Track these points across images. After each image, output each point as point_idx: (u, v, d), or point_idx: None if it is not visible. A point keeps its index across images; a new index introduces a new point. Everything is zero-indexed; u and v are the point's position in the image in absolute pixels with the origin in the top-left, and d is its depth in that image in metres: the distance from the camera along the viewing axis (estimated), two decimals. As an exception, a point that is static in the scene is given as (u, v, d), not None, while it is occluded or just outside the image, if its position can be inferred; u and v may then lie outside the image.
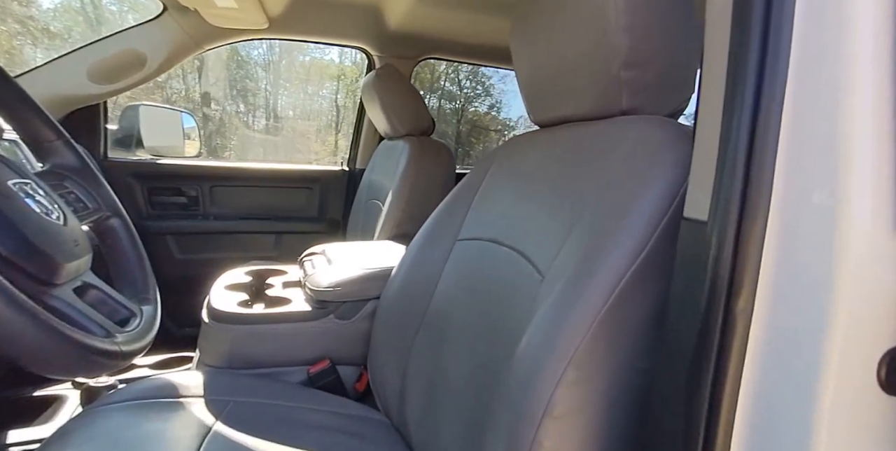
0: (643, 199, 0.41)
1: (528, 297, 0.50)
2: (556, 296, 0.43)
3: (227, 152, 6.19)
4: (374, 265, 0.83)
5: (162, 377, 0.64)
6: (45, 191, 0.40)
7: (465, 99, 8.43)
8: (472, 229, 0.69)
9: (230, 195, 1.39)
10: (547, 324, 0.42)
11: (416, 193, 1.09)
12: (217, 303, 0.75)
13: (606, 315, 0.39)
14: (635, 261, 0.39)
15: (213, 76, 5.30)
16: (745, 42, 0.29)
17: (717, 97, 0.31)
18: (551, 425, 0.38)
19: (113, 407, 0.55)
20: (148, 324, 0.44)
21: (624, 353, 0.40)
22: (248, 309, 0.75)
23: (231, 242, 1.36)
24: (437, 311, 0.68)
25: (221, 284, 0.85)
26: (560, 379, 0.38)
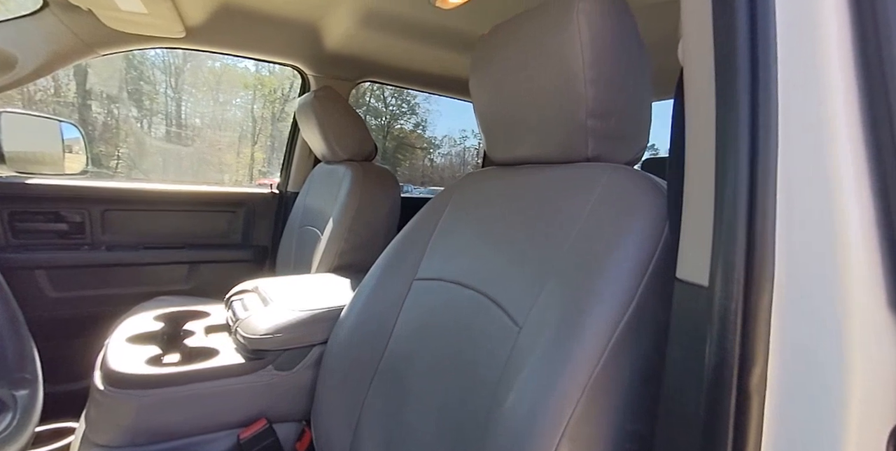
0: (622, 251, 0.42)
1: (505, 346, 0.47)
2: (542, 357, 0.41)
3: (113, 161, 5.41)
4: (319, 306, 0.75)
5: None
6: None
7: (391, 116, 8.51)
8: (432, 268, 0.65)
9: (130, 221, 1.18)
10: (535, 390, 0.39)
11: (360, 221, 1.02)
12: (116, 363, 0.61)
13: (597, 378, 0.38)
14: (622, 318, 0.39)
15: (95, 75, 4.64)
16: (734, 113, 0.30)
17: (705, 159, 0.32)
18: None
19: None
20: (24, 417, 0.33)
21: (615, 416, 0.38)
22: (161, 367, 0.62)
23: (129, 275, 1.14)
24: (395, 357, 0.63)
25: (122, 335, 0.70)
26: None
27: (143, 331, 0.72)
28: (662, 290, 0.40)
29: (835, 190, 0.27)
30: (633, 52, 0.51)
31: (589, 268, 0.43)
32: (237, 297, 0.82)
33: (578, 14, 0.48)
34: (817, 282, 0.27)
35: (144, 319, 0.76)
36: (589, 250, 0.44)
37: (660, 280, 0.40)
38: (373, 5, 0.99)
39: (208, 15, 1.03)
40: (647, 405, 0.39)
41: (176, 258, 1.20)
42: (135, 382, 0.59)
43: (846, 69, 0.27)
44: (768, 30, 0.29)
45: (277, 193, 1.39)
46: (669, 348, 0.35)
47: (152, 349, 0.67)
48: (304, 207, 1.24)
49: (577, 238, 0.46)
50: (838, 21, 0.28)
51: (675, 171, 0.37)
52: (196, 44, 1.12)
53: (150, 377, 0.60)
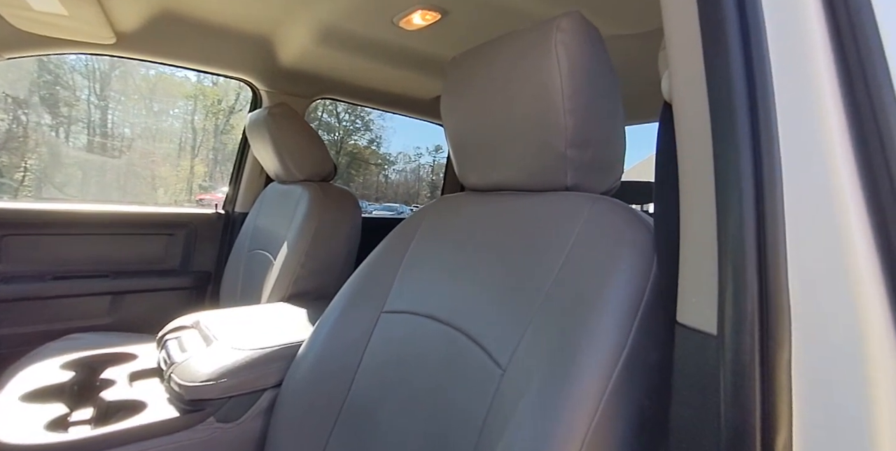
0: (612, 288, 0.40)
1: (487, 389, 0.43)
2: (532, 406, 0.37)
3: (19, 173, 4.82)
4: (272, 343, 0.66)
5: None
6: None
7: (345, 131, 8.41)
8: (402, 299, 0.60)
9: (35, 247, 1.01)
10: (528, 440, 0.36)
11: (319, 244, 0.95)
12: (3, 432, 0.49)
13: (596, 430, 0.35)
14: (617, 364, 0.36)
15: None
16: (733, 149, 0.29)
17: (704, 195, 0.31)
18: None
19: None
20: None
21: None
22: (66, 432, 0.51)
23: (32, 311, 0.97)
24: (360, 400, 0.56)
25: (14, 390, 0.57)
26: None
27: (44, 384, 0.59)
28: (654, 331, 0.38)
29: (842, 225, 0.26)
30: (608, 81, 0.51)
31: (577, 306, 0.40)
32: (173, 335, 0.71)
33: (557, 45, 0.47)
34: (834, 325, 0.25)
35: (48, 366, 0.64)
36: (575, 286, 0.42)
37: (651, 321, 0.38)
38: (331, 22, 0.95)
39: (144, 21, 0.94)
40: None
41: (96, 289, 1.04)
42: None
43: (837, 100, 0.28)
44: (764, 67, 0.29)
45: (223, 213, 1.27)
46: (675, 404, 0.33)
47: (56, 408, 0.55)
48: (255, 229, 1.14)
49: (563, 273, 0.44)
50: (826, 56, 0.28)
51: (665, 205, 0.36)
52: (129, 52, 1.01)
53: (49, 447, 0.49)
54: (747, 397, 0.26)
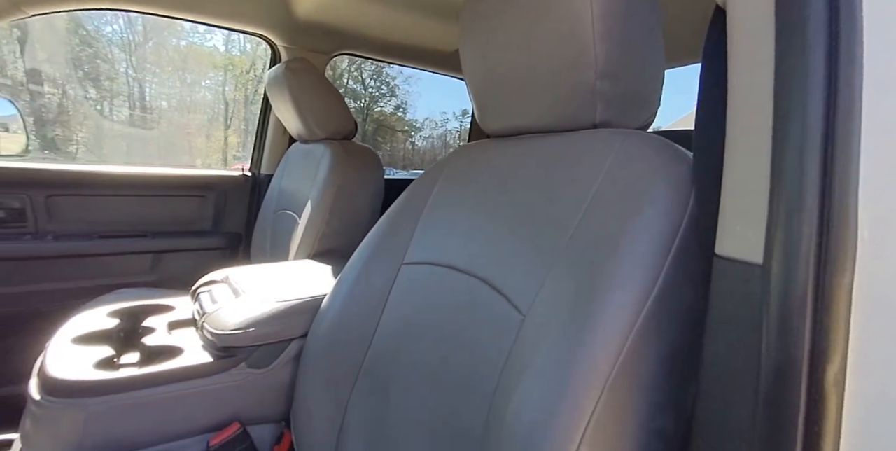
0: (643, 224, 0.36)
1: (507, 337, 0.42)
2: (551, 352, 0.35)
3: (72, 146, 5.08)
4: (297, 296, 0.67)
5: None
6: None
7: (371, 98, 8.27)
8: (422, 251, 0.59)
9: (82, 207, 1.06)
10: (544, 392, 0.34)
11: (341, 203, 0.95)
12: (57, 369, 0.52)
13: (619, 374, 0.32)
14: (646, 303, 0.34)
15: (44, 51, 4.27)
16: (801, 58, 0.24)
17: (755, 115, 0.27)
18: None
19: None
20: None
21: (639, 414, 0.34)
22: (114, 371, 0.55)
23: (83, 267, 1.03)
24: (382, 351, 0.57)
25: (67, 335, 0.61)
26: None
27: (93, 329, 0.63)
28: (689, 268, 0.35)
29: None
30: (646, 5, 0.45)
31: (604, 245, 0.37)
32: (205, 288, 0.74)
33: None
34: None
35: (96, 315, 0.68)
36: (603, 224, 0.39)
37: (687, 257, 0.35)
38: None
39: (160, -27, 0.91)
40: (673, 399, 0.34)
41: (138, 248, 1.10)
42: (80, 389, 0.51)
43: None
44: None
45: (249, 175, 1.29)
46: (708, 340, 0.30)
47: (104, 350, 0.59)
48: (280, 191, 1.15)
49: (589, 211, 0.41)
50: None
51: (707, 130, 0.32)
52: (146, 6, 1.00)
53: (99, 383, 0.52)
54: (795, 329, 0.23)
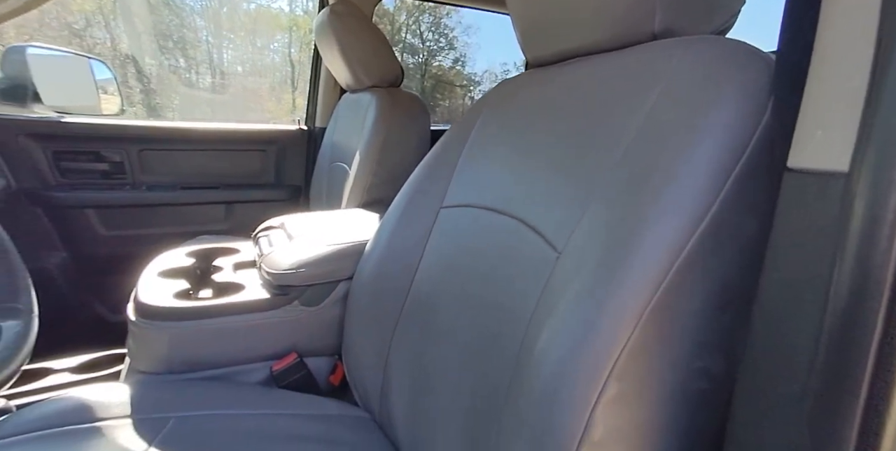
0: (702, 145, 0.31)
1: (540, 277, 0.39)
2: (584, 285, 0.33)
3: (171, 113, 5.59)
4: (345, 240, 0.70)
5: (74, 395, 0.50)
6: None
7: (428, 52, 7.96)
8: (460, 193, 0.57)
9: (166, 161, 1.18)
10: (576, 323, 0.32)
11: (388, 152, 0.94)
12: (147, 296, 0.61)
13: (656, 308, 0.29)
14: (696, 230, 0.29)
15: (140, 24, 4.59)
16: None
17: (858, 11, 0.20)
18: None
19: (3, 444, 0.42)
20: (7, 350, 0.30)
21: (679, 352, 0.30)
22: (190, 301, 0.61)
23: (170, 215, 1.16)
24: (421, 293, 0.57)
25: (154, 270, 0.69)
26: (599, 396, 0.29)
27: (174, 266, 0.71)
28: (752, 193, 0.29)
29: None
30: None
31: (653, 169, 0.32)
32: (263, 233, 0.79)
33: None
34: None
35: (177, 255, 0.76)
36: (655, 145, 0.33)
37: (751, 179, 0.30)
38: None
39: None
40: (722, 338, 0.31)
41: (212, 198, 1.20)
42: (164, 314, 0.59)
43: None
44: None
45: (306, 129, 1.32)
46: (767, 271, 0.25)
47: (182, 284, 0.67)
48: (332, 143, 1.17)
49: (640, 133, 0.35)
50: None
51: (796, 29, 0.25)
52: None
53: (178, 310, 0.59)
54: (880, 250, 0.18)
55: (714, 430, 0.31)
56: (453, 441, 0.44)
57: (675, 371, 0.30)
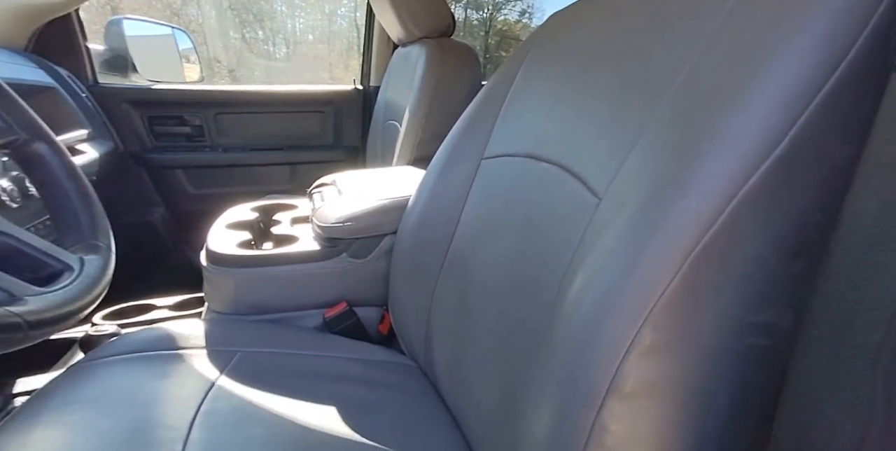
0: (784, 51, 0.24)
1: (579, 226, 0.36)
2: (625, 226, 0.29)
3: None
4: (390, 195, 0.70)
5: (163, 327, 0.58)
6: None
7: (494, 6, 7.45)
8: (501, 143, 0.53)
9: (238, 124, 1.26)
10: (612, 267, 0.29)
11: (437, 107, 0.91)
12: (215, 245, 0.67)
13: (706, 251, 0.25)
14: (762, 165, 0.24)
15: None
16: None
17: None
18: (619, 405, 0.27)
19: (108, 361, 0.50)
20: (87, 279, 0.34)
21: (731, 302, 0.26)
22: (250, 250, 0.67)
23: (244, 175, 1.26)
24: (461, 246, 0.56)
25: (222, 222, 0.76)
26: (631, 345, 0.26)
27: (239, 220, 0.78)
28: (847, 110, 0.23)
29: None
30: None
31: (716, 93, 0.27)
32: (317, 190, 0.82)
33: None
34: None
35: (243, 210, 0.83)
36: (726, 59, 0.28)
37: (849, 92, 0.23)
38: None
39: None
40: (790, 289, 0.26)
41: (278, 160, 1.28)
42: (229, 261, 0.65)
43: None
44: None
45: (361, 88, 1.33)
46: (862, 186, 0.20)
47: (245, 235, 0.72)
48: (386, 102, 1.16)
49: (707, 51, 0.29)
50: None
51: None
52: None
53: (240, 258, 0.65)
54: None
55: (772, 389, 0.27)
56: (490, 389, 0.45)
57: (726, 324, 0.26)
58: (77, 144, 0.91)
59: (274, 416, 0.45)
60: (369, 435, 0.45)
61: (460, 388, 0.51)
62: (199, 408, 0.44)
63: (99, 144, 0.99)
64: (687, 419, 0.27)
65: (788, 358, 0.25)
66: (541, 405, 0.32)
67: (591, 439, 0.27)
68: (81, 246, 0.39)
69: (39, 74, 0.93)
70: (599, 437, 0.27)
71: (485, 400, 0.45)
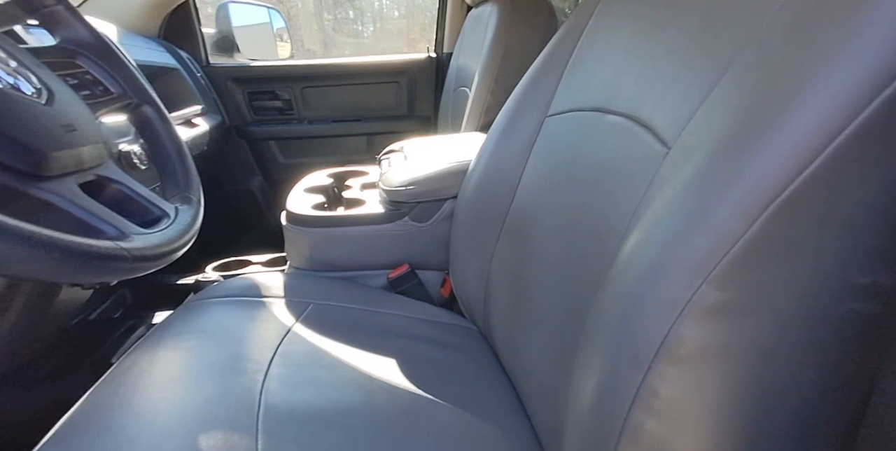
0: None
1: (644, 179, 0.33)
2: (695, 173, 0.26)
3: None
4: (452, 160, 0.70)
5: (252, 277, 0.66)
6: (22, 62, 0.34)
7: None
8: (567, 98, 0.50)
9: (321, 97, 1.34)
10: (676, 217, 0.25)
11: (506, 70, 0.87)
12: (293, 206, 0.73)
13: (794, 196, 0.21)
14: (869, 105, 0.19)
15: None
16: None
17: None
18: (671, 368, 0.24)
19: (210, 302, 0.58)
20: (181, 225, 0.40)
21: (823, 258, 0.22)
22: (322, 212, 0.72)
23: (326, 146, 1.35)
24: (521, 209, 0.55)
25: (301, 187, 0.83)
26: (689, 304, 0.23)
27: (315, 184, 0.84)
28: None
29: None
30: None
31: (817, 28, 0.22)
32: (385, 156, 0.85)
33: None
34: None
35: (319, 176, 0.89)
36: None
37: None
38: None
39: None
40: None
41: (356, 131, 1.34)
42: (304, 221, 0.71)
43: None
44: None
45: (434, 56, 1.31)
46: None
47: (320, 198, 0.78)
48: (457, 68, 1.14)
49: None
50: None
51: None
52: None
53: (313, 218, 0.70)
54: None
55: (867, 371, 0.22)
56: (544, 354, 0.44)
57: (818, 285, 0.22)
58: (193, 118, 1.05)
59: (340, 362, 0.49)
60: (428, 388, 0.47)
61: (516, 351, 0.51)
62: (276, 349, 0.49)
63: (210, 118, 1.12)
64: (751, 393, 0.24)
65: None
66: (590, 368, 0.31)
67: (636, 402, 0.25)
68: (178, 197, 0.45)
69: (166, 57, 1.07)
70: (646, 400, 0.24)
71: (538, 365, 0.45)
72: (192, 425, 0.37)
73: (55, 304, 0.61)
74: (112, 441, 0.35)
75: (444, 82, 1.24)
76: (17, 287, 0.53)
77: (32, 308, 0.56)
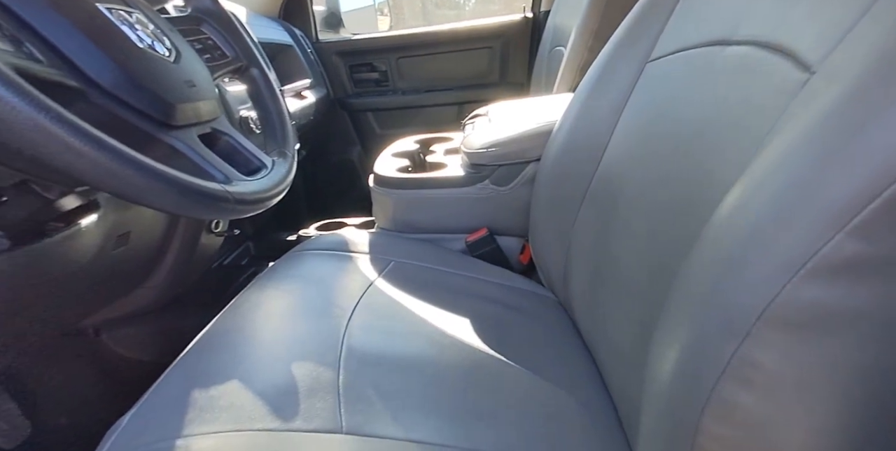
0: None
1: (764, 117, 0.28)
2: (834, 106, 0.21)
3: None
4: (538, 121, 0.66)
5: (342, 234, 0.72)
6: (159, 26, 0.40)
7: None
8: (674, 38, 0.43)
9: (414, 67, 1.36)
10: (804, 156, 0.21)
11: (608, 21, 0.77)
12: (379, 169, 0.77)
13: None
14: None
15: None
16: None
17: None
18: (778, 337, 0.20)
19: (306, 254, 0.65)
20: (276, 176, 0.45)
21: None
22: (405, 174, 0.74)
23: (418, 116, 1.37)
24: (608, 173, 0.50)
25: (389, 151, 0.86)
26: (816, 256, 0.19)
27: (402, 150, 0.86)
28: None
29: None
30: None
31: None
32: (470, 120, 0.84)
33: None
34: None
35: (406, 141, 0.92)
36: None
37: None
38: None
39: None
40: None
41: (446, 100, 1.34)
42: (389, 183, 0.74)
43: None
44: None
45: (530, 16, 1.23)
46: None
47: (405, 162, 0.81)
48: (555, 27, 1.05)
49: None
50: None
51: None
52: None
53: (396, 180, 0.73)
54: None
55: None
56: (625, 327, 0.41)
57: None
58: (303, 91, 1.15)
59: (415, 316, 0.51)
60: (498, 349, 0.47)
61: (596, 321, 0.48)
62: (359, 300, 0.53)
63: (317, 91, 1.22)
64: (881, 369, 0.18)
65: None
66: (673, 336, 0.27)
67: (726, 373, 0.21)
68: (276, 152, 0.50)
69: (283, 35, 1.19)
70: (741, 372, 0.21)
71: (620, 335, 0.42)
72: (288, 353, 0.43)
73: (199, 250, 0.74)
74: (230, 357, 0.42)
75: (539, 45, 1.16)
76: (172, 234, 0.66)
77: (184, 251, 0.69)
